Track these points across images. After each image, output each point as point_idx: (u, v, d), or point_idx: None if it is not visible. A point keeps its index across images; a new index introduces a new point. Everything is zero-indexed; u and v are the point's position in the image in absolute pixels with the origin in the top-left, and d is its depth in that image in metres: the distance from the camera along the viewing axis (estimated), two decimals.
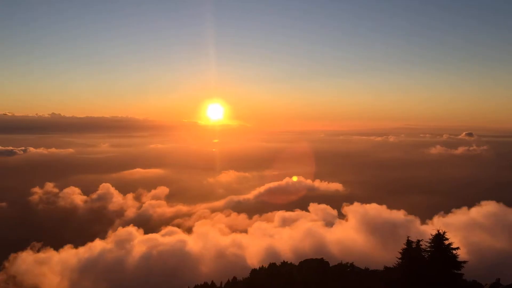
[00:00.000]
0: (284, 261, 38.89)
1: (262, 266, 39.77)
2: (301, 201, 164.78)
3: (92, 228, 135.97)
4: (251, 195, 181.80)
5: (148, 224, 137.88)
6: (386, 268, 34.93)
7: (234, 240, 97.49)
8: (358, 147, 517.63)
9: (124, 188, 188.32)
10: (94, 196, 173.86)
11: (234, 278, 42.68)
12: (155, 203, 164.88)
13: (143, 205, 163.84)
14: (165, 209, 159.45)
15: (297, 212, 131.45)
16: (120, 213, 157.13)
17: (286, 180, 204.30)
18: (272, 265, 38.84)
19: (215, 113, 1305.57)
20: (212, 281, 46.45)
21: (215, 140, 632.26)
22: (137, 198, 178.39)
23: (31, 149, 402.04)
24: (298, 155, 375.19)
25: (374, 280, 33.62)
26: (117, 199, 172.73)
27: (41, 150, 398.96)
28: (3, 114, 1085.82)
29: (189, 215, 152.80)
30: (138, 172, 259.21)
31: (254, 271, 40.47)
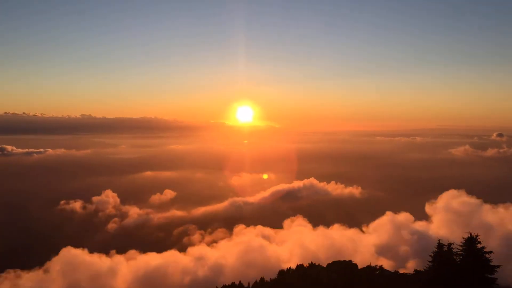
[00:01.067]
0: (312, 262, 38.96)
1: (290, 267, 39.97)
2: (312, 205, 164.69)
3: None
4: (255, 198, 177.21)
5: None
6: (416, 271, 34.63)
7: (257, 242, 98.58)
8: (381, 148, 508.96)
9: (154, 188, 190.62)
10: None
11: (262, 278, 42.99)
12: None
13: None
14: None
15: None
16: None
17: (296, 183, 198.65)
18: (300, 267, 38.99)
19: (243, 113, 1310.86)
20: (239, 281, 46.91)
21: (244, 141, 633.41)
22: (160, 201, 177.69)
23: (62, 150, 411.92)
24: (320, 156, 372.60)
25: (404, 284, 33.37)
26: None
27: (73, 152, 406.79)
28: (34, 115, 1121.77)
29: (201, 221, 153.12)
30: (172, 172, 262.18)
31: (281, 272, 40.70)
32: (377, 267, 35.89)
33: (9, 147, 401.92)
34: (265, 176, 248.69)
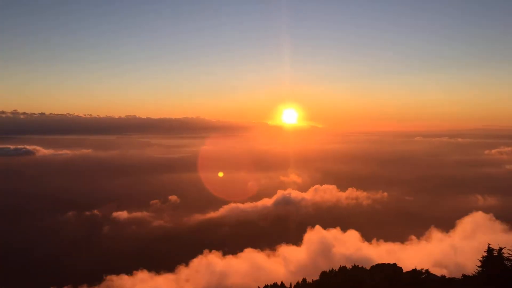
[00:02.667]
0: (354, 264, 38.39)
1: (332, 269, 39.59)
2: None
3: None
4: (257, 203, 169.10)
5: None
6: (464, 276, 33.33)
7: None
8: (417, 149, 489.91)
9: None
10: None
11: (304, 280, 42.85)
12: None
13: None
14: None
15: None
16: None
17: (313, 189, 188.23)
18: (343, 269, 38.51)
19: (286, 113, 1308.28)
20: (281, 282, 47.00)
21: (286, 141, 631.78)
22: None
23: (113, 149, 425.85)
24: (352, 157, 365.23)
25: None
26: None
27: (124, 151, 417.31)
28: (78, 115, 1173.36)
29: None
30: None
31: (324, 273, 40.39)
32: (423, 271, 34.81)
33: (60, 149, 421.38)
34: (290, 177, 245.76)
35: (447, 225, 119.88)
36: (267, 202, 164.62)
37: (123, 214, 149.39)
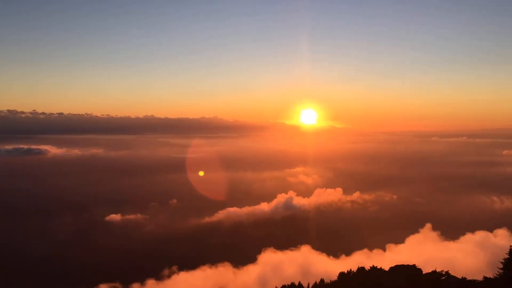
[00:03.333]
0: (373, 265, 38.14)
1: (351, 269, 39.39)
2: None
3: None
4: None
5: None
6: (485, 278, 32.87)
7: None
8: (435, 149, 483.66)
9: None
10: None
11: (322, 280, 42.75)
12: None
13: None
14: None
15: None
16: None
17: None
18: (361, 269, 38.28)
19: (304, 113, 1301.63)
20: (299, 282, 46.93)
21: (304, 141, 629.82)
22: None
23: (136, 149, 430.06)
24: (366, 158, 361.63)
25: None
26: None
27: (144, 151, 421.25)
28: (96, 115, 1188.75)
29: None
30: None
31: (342, 274, 40.20)
32: (443, 272, 34.47)
33: (77, 149, 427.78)
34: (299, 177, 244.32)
35: (455, 227, 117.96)
36: (265, 206, 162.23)
37: (116, 217, 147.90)
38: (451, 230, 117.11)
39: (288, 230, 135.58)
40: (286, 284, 48.41)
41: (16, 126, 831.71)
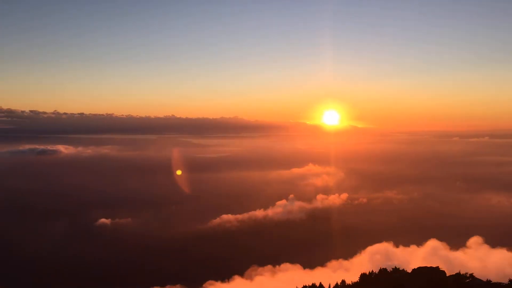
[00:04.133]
0: (395, 267, 37.90)
1: (372, 271, 39.23)
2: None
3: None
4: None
5: None
6: (510, 281, 32.35)
7: None
8: (454, 149, 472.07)
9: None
10: None
11: (343, 281, 42.65)
12: None
13: None
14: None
15: None
16: None
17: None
18: (383, 271, 38.09)
19: (326, 113, 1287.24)
20: (320, 283, 46.91)
21: (325, 141, 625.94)
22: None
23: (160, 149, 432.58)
24: (382, 158, 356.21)
25: None
26: None
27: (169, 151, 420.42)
28: (117, 115, 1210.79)
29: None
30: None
31: (363, 275, 40.07)
32: (467, 275, 34.00)
33: (96, 149, 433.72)
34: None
35: (466, 230, 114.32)
36: (261, 212, 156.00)
37: (106, 221, 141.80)
38: (461, 233, 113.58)
39: (307, 231, 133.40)
40: (307, 285, 48.39)
41: (38, 126, 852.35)
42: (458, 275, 34.48)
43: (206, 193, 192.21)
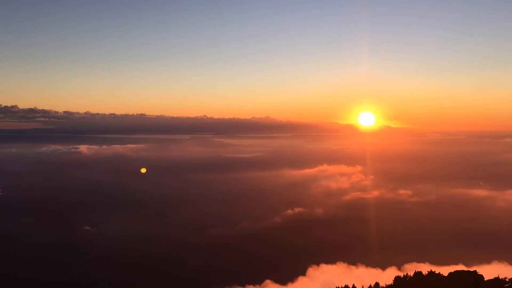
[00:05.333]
0: (431, 270, 37.23)
1: (407, 274, 38.69)
2: None
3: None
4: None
5: None
6: None
7: None
8: (487, 150, 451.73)
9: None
10: None
11: (376, 283, 42.23)
12: None
13: None
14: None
15: None
16: None
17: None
18: (418, 274, 37.49)
19: (359, 113, 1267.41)
20: (353, 284, 46.59)
21: (356, 141, 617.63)
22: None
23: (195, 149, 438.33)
24: (408, 159, 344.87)
25: None
26: None
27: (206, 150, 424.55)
28: (150, 116, 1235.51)
29: None
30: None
31: (398, 278, 39.57)
32: (506, 279, 33.05)
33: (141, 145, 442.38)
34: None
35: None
36: (304, 210, 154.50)
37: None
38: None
39: (346, 231, 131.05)
40: (340, 287, 48.18)
41: (72, 127, 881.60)
42: (496, 279, 33.62)
43: (248, 191, 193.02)
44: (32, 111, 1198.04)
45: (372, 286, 43.58)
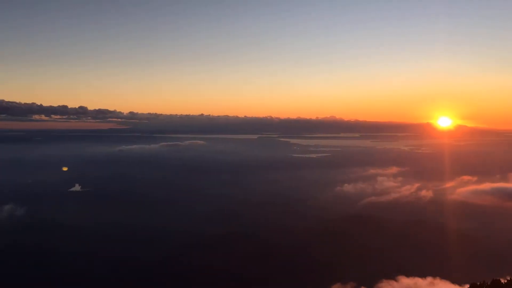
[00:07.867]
0: (510, 278, 35.93)
1: (484, 281, 37.64)
2: None
3: None
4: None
5: None
6: None
7: None
8: None
9: None
10: None
11: None
12: None
13: None
14: None
15: None
16: None
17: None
18: (496, 282, 36.41)
19: (432, 112, 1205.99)
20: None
21: (427, 142, 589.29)
22: None
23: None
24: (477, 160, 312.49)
25: None
26: None
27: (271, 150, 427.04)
28: (214, 115, 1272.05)
29: None
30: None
31: (473, 285, 38.64)
32: None
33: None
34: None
35: None
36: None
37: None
38: None
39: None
40: None
41: (154, 127, 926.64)
42: None
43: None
44: (100, 112, 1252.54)
45: None
